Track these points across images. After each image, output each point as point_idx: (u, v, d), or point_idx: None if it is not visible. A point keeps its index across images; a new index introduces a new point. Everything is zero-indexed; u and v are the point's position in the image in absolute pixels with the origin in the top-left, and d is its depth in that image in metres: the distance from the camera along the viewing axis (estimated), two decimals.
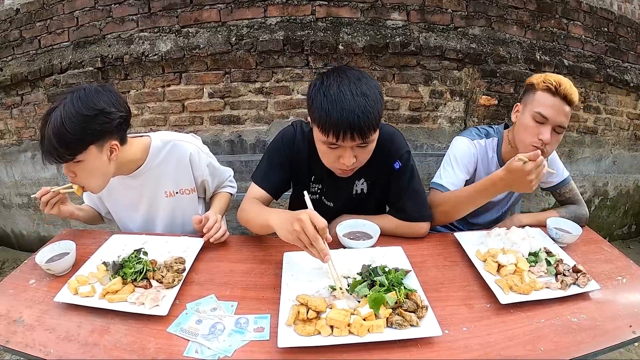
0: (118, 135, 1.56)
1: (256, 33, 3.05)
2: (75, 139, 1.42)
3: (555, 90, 1.66)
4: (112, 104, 1.50)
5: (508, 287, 1.31)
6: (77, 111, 1.41)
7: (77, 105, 1.42)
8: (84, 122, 1.42)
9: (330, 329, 1.12)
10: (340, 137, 1.35)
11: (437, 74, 3.22)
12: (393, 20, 3.15)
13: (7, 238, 4.27)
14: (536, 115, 1.70)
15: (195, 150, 1.82)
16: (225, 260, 1.57)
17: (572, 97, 1.66)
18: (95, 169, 1.54)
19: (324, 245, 1.24)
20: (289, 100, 3.21)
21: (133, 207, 1.88)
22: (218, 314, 1.24)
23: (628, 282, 1.43)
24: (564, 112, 1.68)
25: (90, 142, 1.47)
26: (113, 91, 1.55)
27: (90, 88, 1.49)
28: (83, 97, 1.44)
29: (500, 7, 3.28)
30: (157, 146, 1.76)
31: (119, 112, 1.53)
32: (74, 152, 1.45)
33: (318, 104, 1.36)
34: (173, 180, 1.83)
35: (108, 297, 1.28)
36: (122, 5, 3.17)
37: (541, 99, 1.71)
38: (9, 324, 1.24)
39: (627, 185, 4.23)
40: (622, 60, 3.82)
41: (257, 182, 1.75)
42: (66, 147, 1.42)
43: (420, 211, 1.71)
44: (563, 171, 1.97)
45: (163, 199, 1.85)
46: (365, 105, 1.33)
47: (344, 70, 1.41)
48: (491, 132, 2.01)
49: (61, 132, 1.39)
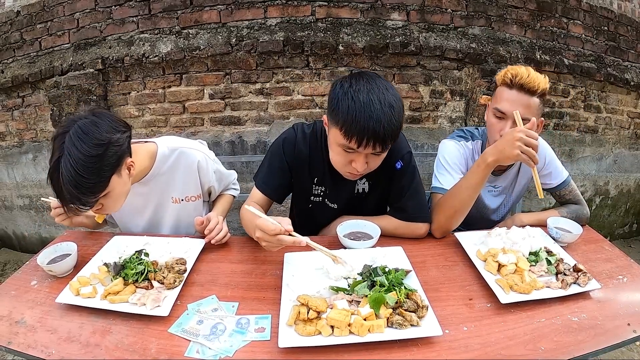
0: (129, 152, 1.51)
1: (256, 34, 3.05)
2: (95, 181, 1.35)
3: (510, 83, 1.65)
4: (114, 129, 1.43)
5: (508, 287, 1.31)
6: (84, 154, 1.32)
7: (82, 148, 1.32)
8: (98, 163, 1.35)
9: (330, 329, 1.12)
10: (362, 144, 1.35)
11: (437, 73, 3.23)
12: (393, 20, 3.15)
13: (9, 239, 4.28)
14: (495, 111, 1.70)
15: (203, 157, 1.80)
16: (226, 261, 1.57)
17: (530, 85, 1.62)
18: (119, 193, 1.50)
19: (291, 239, 1.28)
20: (289, 101, 3.22)
21: (138, 213, 1.87)
22: (219, 315, 1.25)
23: (629, 281, 1.43)
24: (525, 104, 1.64)
25: (110, 174, 1.41)
26: (108, 115, 1.47)
27: (85, 122, 1.38)
28: (83, 136, 1.34)
29: (500, 7, 3.29)
30: (164, 153, 1.72)
31: (124, 134, 1.47)
32: (98, 193, 1.39)
33: (345, 107, 1.34)
34: (180, 187, 1.81)
35: (109, 298, 1.29)
36: (122, 6, 3.17)
37: (500, 93, 1.70)
38: (11, 325, 1.24)
39: (628, 184, 4.22)
40: (623, 59, 3.82)
41: (258, 186, 1.76)
42: (90, 193, 1.36)
43: (420, 211, 1.71)
44: (562, 172, 1.95)
45: (170, 205, 1.84)
46: (391, 116, 1.34)
47: (372, 77, 1.41)
48: (476, 134, 1.99)
49: (79, 182, 1.31)
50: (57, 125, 3.36)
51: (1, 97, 3.65)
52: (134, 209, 1.84)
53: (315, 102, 3.23)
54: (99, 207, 1.47)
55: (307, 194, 1.81)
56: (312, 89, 3.18)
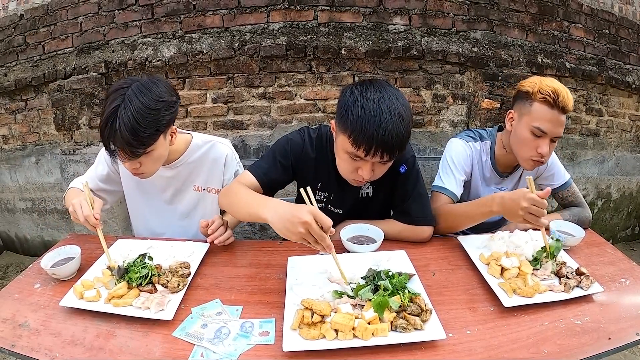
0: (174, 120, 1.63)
1: (259, 38, 3.06)
2: (150, 132, 1.46)
3: (553, 103, 1.63)
4: (170, 92, 1.56)
5: (511, 290, 1.31)
6: (146, 106, 1.44)
7: (144, 100, 1.44)
8: (156, 115, 1.46)
9: (335, 333, 1.13)
10: (369, 153, 1.36)
11: (439, 77, 3.23)
12: (395, 24, 3.16)
13: (11, 242, 4.28)
14: (535, 129, 1.68)
15: (231, 153, 1.89)
16: (230, 264, 1.58)
17: (568, 106, 1.64)
18: (161, 155, 1.60)
19: (330, 241, 1.24)
20: (292, 105, 3.22)
21: (157, 194, 1.91)
22: (223, 318, 1.25)
23: (631, 284, 1.44)
24: (561, 123, 1.67)
25: (161, 132, 1.52)
26: (164, 80, 1.59)
27: (146, 80, 1.51)
28: (146, 91, 1.46)
29: (502, 11, 3.29)
30: (197, 144, 1.84)
31: (178, 100, 1.60)
32: (148, 145, 1.49)
33: (355, 115, 1.35)
34: (204, 177, 1.88)
35: (113, 302, 1.29)
36: (125, 11, 3.19)
37: (539, 112, 1.67)
38: (15, 328, 1.24)
39: (630, 187, 4.22)
40: (624, 62, 3.82)
41: (255, 173, 1.68)
42: (143, 143, 1.46)
43: (424, 215, 1.71)
44: (564, 174, 1.96)
45: (190, 191, 1.90)
46: (400, 126, 1.34)
47: (383, 85, 1.41)
48: (484, 135, 2.00)
49: (135, 129, 1.41)
50: (60, 128, 3.37)
51: (4, 100, 3.66)
52: (152, 188, 1.89)
53: (317, 107, 3.23)
54: (137, 165, 1.56)
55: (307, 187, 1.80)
56: (315, 93, 3.18)
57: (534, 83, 1.69)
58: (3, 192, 4.04)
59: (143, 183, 1.86)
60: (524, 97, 1.74)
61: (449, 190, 1.84)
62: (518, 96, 1.79)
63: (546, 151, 1.68)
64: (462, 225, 1.75)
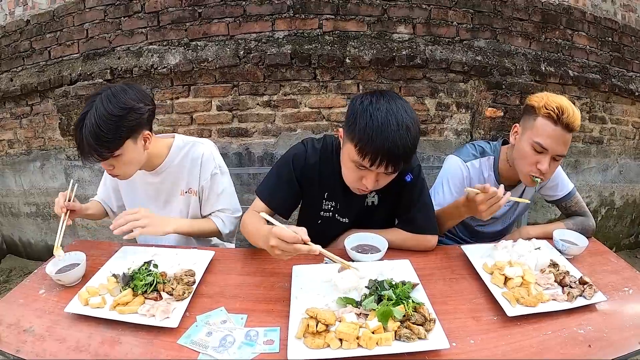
0: (149, 126, 1.69)
1: (264, 46, 3.07)
2: (111, 137, 1.52)
3: (557, 119, 1.60)
4: (139, 99, 1.60)
5: (515, 300, 1.32)
6: (108, 112, 1.51)
7: (107, 107, 1.51)
8: (118, 121, 1.52)
9: (339, 342, 1.13)
10: (375, 164, 1.37)
11: (443, 86, 3.24)
12: (399, 33, 3.18)
13: (15, 246, 4.29)
14: (535, 145, 1.65)
15: (208, 153, 1.86)
16: (235, 272, 1.58)
17: (574, 125, 1.61)
18: (132, 159, 1.65)
19: (307, 247, 1.26)
20: (296, 114, 3.23)
21: (150, 201, 1.92)
22: (228, 327, 1.25)
23: (635, 293, 1.43)
24: (564, 141, 1.63)
25: (126, 137, 1.57)
26: (138, 88, 1.65)
27: (116, 88, 1.59)
28: (112, 98, 1.53)
29: (505, 19, 3.30)
30: (179, 145, 1.85)
31: (147, 106, 1.63)
32: (113, 149, 1.55)
33: (362, 124, 1.35)
34: (186, 180, 1.88)
35: (118, 309, 1.29)
36: (131, 18, 3.21)
37: (541, 127, 1.65)
38: (19, 333, 1.25)
39: (633, 195, 4.21)
40: (627, 69, 3.82)
41: (262, 198, 1.74)
42: (105, 147, 1.53)
43: (429, 224, 1.71)
44: (567, 184, 1.95)
45: (178, 197, 1.90)
46: (407, 139, 1.35)
47: (393, 97, 1.41)
48: (487, 149, 1.96)
49: (97, 133, 1.49)
50: (65, 134, 3.41)
51: (10, 105, 3.69)
52: (146, 197, 1.92)
53: (322, 115, 3.24)
54: (111, 167, 1.65)
55: (316, 209, 1.81)
56: (319, 101, 3.19)
57: (541, 98, 1.66)
58: (8, 196, 4.06)
59: (137, 191, 1.92)
60: (529, 112, 1.71)
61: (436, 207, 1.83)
62: (525, 110, 1.77)
63: (546, 168, 1.65)
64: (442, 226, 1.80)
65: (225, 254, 1.69)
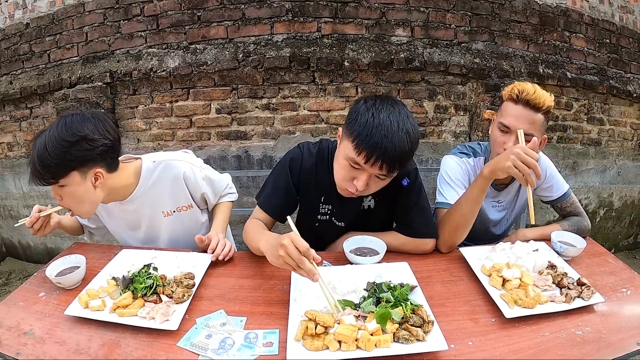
0: (104, 162, 1.57)
1: (263, 50, 3.09)
2: (56, 163, 1.44)
3: (516, 98, 1.67)
4: (97, 131, 1.51)
5: (513, 301, 1.32)
6: (59, 136, 1.44)
7: (61, 131, 1.45)
8: (65, 148, 1.44)
9: (338, 344, 1.13)
10: (369, 161, 1.36)
11: (441, 89, 3.26)
12: (397, 36, 3.20)
13: (14, 249, 4.30)
14: (500, 125, 1.72)
15: (189, 167, 1.80)
16: (234, 275, 1.58)
17: (536, 102, 1.65)
18: (79, 194, 1.55)
19: (311, 265, 1.24)
20: (295, 116, 3.24)
21: (133, 228, 1.89)
22: (227, 329, 1.25)
23: (632, 294, 1.44)
24: (529, 120, 1.67)
25: (72, 167, 1.48)
26: (102, 119, 1.57)
27: (78, 114, 1.52)
28: (68, 123, 1.47)
29: (503, 22, 3.33)
30: (149, 168, 1.75)
31: (103, 140, 1.52)
32: (56, 176, 1.47)
33: (363, 121, 1.36)
34: (169, 200, 1.82)
35: (118, 312, 1.29)
36: (130, 21, 3.23)
37: (505, 108, 1.73)
38: (20, 336, 1.25)
39: (632, 196, 4.23)
40: (625, 71, 3.85)
41: (261, 205, 1.77)
42: (48, 171, 1.45)
43: (426, 227, 1.71)
44: (562, 185, 1.95)
45: (162, 219, 1.85)
46: (405, 142, 1.36)
47: (397, 103, 1.43)
48: (478, 150, 2.00)
49: (44, 156, 1.42)
50: None
51: (10, 107, 3.71)
52: (128, 224, 1.88)
53: (321, 118, 3.26)
54: (59, 197, 1.57)
55: (314, 212, 1.82)
56: (318, 104, 3.21)
57: (509, 87, 1.74)
58: (7, 199, 4.07)
59: (115, 219, 1.87)
60: (499, 103, 1.80)
61: (451, 204, 1.80)
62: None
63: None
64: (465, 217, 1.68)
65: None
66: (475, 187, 1.65)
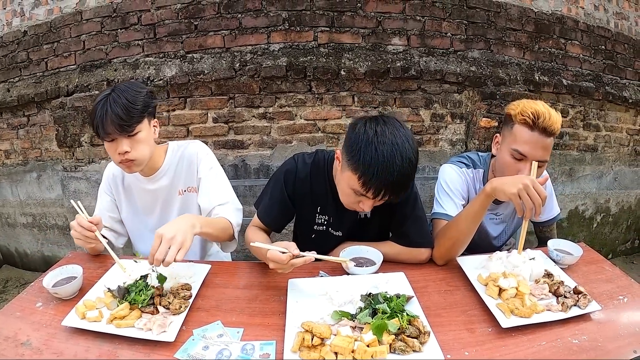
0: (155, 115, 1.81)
1: (260, 59, 3.10)
2: (139, 108, 1.63)
3: (533, 124, 1.59)
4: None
5: (509, 311, 1.32)
6: (133, 89, 1.65)
7: (131, 85, 1.68)
8: (142, 96, 1.67)
9: (334, 355, 1.14)
10: (376, 197, 1.41)
11: (437, 97, 3.27)
12: (394, 45, 3.21)
13: (11, 257, 4.29)
14: (514, 152, 1.63)
15: (203, 149, 1.94)
16: (231, 286, 1.58)
17: (551, 128, 1.58)
18: (147, 139, 1.72)
19: (301, 260, 1.36)
20: (292, 125, 3.25)
21: (148, 211, 1.96)
22: (224, 340, 1.25)
23: (629, 302, 1.44)
24: (543, 146, 1.61)
25: (147, 112, 1.70)
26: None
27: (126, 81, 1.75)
28: (127, 84, 1.69)
29: (499, 30, 3.34)
30: (174, 148, 1.93)
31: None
32: (139, 121, 1.65)
33: (368, 159, 1.35)
34: (184, 178, 1.92)
35: (115, 323, 1.29)
36: (128, 30, 3.24)
37: (518, 134, 1.63)
38: (17, 346, 1.24)
39: (628, 201, 4.24)
40: (620, 77, 3.87)
41: (259, 216, 1.81)
42: (131, 116, 1.61)
43: (422, 237, 1.72)
44: (554, 208, 1.94)
45: (176, 198, 1.93)
46: (409, 173, 1.39)
47: (396, 126, 1.41)
48: (477, 162, 1.95)
49: (126, 105, 1.60)
50: (62, 145, 3.40)
51: (7, 115, 3.70)
52: (143, 207, 1.96)
53: (317, 127, 3.26)
54: (128, 149, 1.65)
55: (310, 223, 1.83)
56: (315, 113, 3.21)
57: (517, 105, 1.65)
58: (4, 207, 4.06)
59: (135, 203, 1.95)
60: (507, 121, 1.70)
61: (450, 215, 1.78)
62: (504, 120, 1.75)
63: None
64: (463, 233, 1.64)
65: (222, 267, 1.70)
66: (476, 203, 1.60)
